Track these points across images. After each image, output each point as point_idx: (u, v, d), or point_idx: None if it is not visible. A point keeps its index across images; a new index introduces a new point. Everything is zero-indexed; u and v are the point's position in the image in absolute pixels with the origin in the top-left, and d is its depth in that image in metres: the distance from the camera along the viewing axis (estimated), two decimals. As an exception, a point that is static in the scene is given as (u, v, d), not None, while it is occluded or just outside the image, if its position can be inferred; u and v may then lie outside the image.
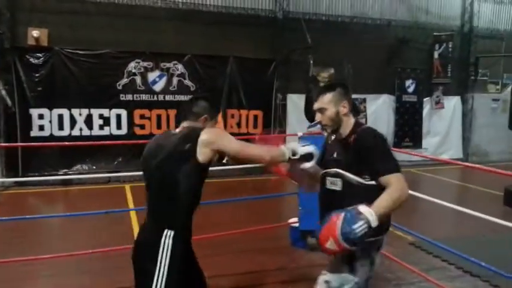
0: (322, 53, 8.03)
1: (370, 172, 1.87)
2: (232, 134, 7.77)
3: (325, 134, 2.18)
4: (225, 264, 3.74)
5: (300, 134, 3.89)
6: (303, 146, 1.98)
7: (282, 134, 8.26)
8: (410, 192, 3.51)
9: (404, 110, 9.61)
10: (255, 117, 8.23)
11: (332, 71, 8.52)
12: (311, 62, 7.84)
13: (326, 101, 2.00)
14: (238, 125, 8.10)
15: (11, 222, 4.60)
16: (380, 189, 1.82)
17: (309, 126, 6.49)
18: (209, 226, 4.59)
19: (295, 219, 4.07)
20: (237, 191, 6.77)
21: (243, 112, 8.15)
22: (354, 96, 8.25)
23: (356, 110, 8.13)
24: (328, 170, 2.02)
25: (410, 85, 9.65)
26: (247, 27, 8.08)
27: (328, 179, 2.01)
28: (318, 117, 2.04)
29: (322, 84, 7.33)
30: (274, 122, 8.38)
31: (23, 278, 3.48)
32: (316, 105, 2.04)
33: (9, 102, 6.75)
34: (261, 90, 8.20)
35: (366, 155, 1.88)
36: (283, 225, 4.37)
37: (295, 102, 8.35)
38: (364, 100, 9.09)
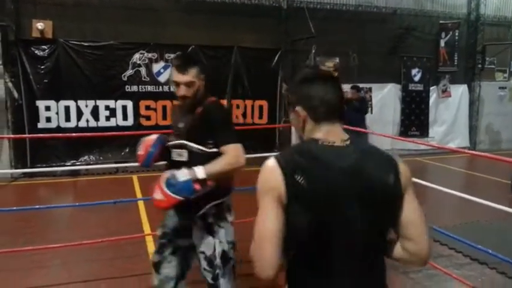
0: (327, 42, 7.98)
1: (213, 141, 2.04)
2: (238, 124, 7.82)
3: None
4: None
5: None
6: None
7: (288, 123, 8.27)
8: (417, 180, 3.55)
9: (410, 99, 9.54)
10: (260, 107, 8.21)
11: (337, 60, 8.47)
12: (313, 51, 7.81)
13: (194, 75, 2.08)
14: (244, 115, 8.10)
15: (20, 213, 4.66)
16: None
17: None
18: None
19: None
20: (243, 180, 6.78)
21: (248, 102, 8.14)
22: (360, 85, 8.24)
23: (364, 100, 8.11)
24: (174, 142, 2.14)
25: (416, 74, 9.58)
26: (251, 17, 8.03)
27: (175, 151, 2.13)
28: (184, 90, 2.06)
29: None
30: (279, 112, 8.37)
31: (33, 267, 3.53)
32: (182, 79, 2.05)
33: (16, 94, 6.79)
34: (266, 80, 8.17)
35: (212, 125, 2.05)
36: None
37: (301, 92, 8.32)
38: (370, 89, 9.04)
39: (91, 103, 7.20)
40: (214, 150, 2.03)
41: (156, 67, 7.57)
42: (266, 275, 1.12)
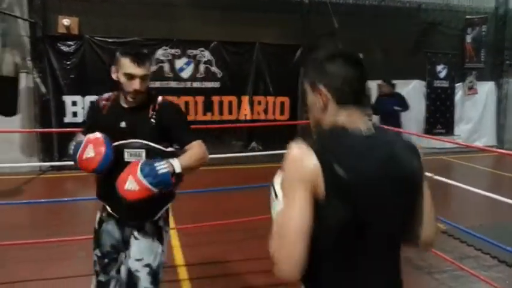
0: (350, 38, 7.87)
1: (174, 140, 1.98)
2: (259, 120, 7.79)
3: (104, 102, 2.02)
4: (255, 249, 3.78)
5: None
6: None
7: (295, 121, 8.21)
8: (443, 179, 3.47)
9: (435, 96, 9.34)
10: (282, 103, 8.19)
11: (360, 55, 8.33)
12: (339, 47, 7.69)
13: (149, 69, 1.92)
14: (265, 111, 8.09)
15: (47, 205, 4.79)
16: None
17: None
18: (241, 211, 4.66)
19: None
20: (266, 177, 6.79)
21: (270, 99, 8.12)
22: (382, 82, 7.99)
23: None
24: (129, 141, 1.91)
25: (441, 70, 9.37)
26: (273, 13, 7.98)
27: (128, 151, 1.91)
28: (139, 84, 1.85)
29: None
30: (300, 108, 8.32)
31: (60, 258, 3.62)
32: (140, 71, 1.85)
33: (43, 89, 6.96)
34: (287, 76, 8.14)
35: (173, 124, 1.96)
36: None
37: (322, 89, 8.24)
38: (394, 86, 8.89)
39: (115, 98, 7.32)
40: (171, 149, 1.97)
41: (179, 63, 7.63)
42: (292, 276, 1.03)
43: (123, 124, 1.93)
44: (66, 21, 6.93)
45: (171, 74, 7.58)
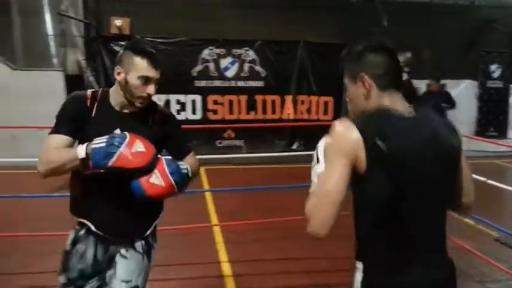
0: (399, 36, 7.65)
1: (171, 150, 1.83)
2: (302, 120, 7.74)
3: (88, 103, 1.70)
4: (297, 249, 3.79)
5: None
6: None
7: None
8: (496, 184, 3.32)
9: (488, 97, 8.91)
10: (326, 103, 8.12)
11: (409, 55, 8.10)
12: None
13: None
14: (309, 111, 8.05)
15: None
16: None
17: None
18: (280, 210, 4.69)
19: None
20: (308, 177, 6.78)
21: (313, 98, 8.07)
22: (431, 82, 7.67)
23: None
24: None
25: (495, 70, 8.92)
26: (319, 11, 7.92)
27: None
28: (153, 89, 1.65)
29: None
30: (345, 109, 8.20)
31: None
32: (156, 75, 1.64)
33: (96, 88, 7.30)
34: (332, 75, 8.00)
35: (173, 134, 1.82)
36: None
37: (368, 88, 8.08)
38: (444, 86, 8.56)
39: (163, 97, 7.55)
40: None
41: (224, 62, 7.75)
42: (322, 234, 1.15)
43: (117, 131, 1.65)
44: (118, 22, 7.23)
45: (216, 73, 7.72)
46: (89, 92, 1.72)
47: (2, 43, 7.22)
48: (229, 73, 7.79)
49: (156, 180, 1.58)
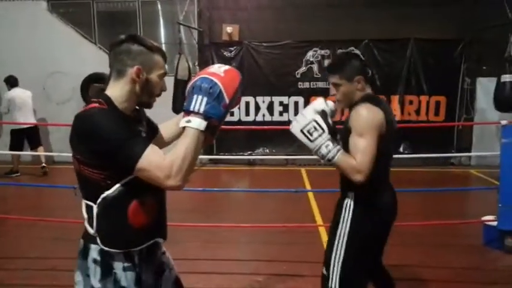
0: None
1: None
2: (411, 122, 7.37)
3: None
4: (410, 255, 3.64)
5: (503, 122, 3.42)
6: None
7: (469, 121, 7.45)
8: None
9: None
10: (437, 103, 7.59)
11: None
12: (511, 40, 6.75)
13: None
14: (417, 112, 7.62)
15: (207, 193, 5.41)
16: None
17: None
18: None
19: (491, 217, 3.66)
20: (414, 182, 6.45)
21: (423, 98, 7.61)
22: None
23: None
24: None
25: None
26: (430, 6, 7.45)
27: None
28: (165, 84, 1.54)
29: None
30: (459, 109, 7.60)
31: (226, 241, 4.04)
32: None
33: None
34: (444, 74, 7.51)
35: (153, 124, 1.72)
36: (474, 222, 4.00)
37: (486, 87, 7.36)
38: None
39: (267, 99, 7.81)
40: None
41: (328, 63, 7.71)
42: (366, 179, 1.79)
43: (144, 135, 1.51)
44: (229, 29, 7.69)
45: (319, 75, 7.73)
46: (97, 105, 1.37)
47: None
48: (333, 74, 7.73)
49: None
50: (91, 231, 1.40)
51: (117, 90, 1.43)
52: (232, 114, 7.84)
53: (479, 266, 3.46)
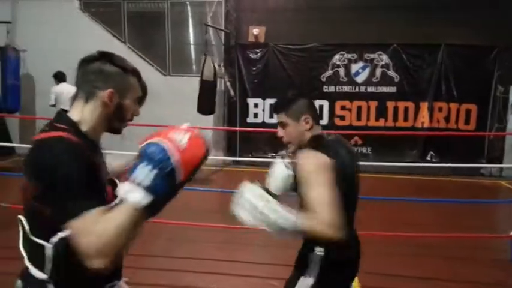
0: None
1: None
2: (440, 130, 7.19)
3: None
4: (435, 268, 3.53)
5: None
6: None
7: (501, 131, 7.18)
8: None
9: None
10: (468, 111, 7.35)
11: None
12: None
13: None
14: (447, 119, 7.40)
15: (226, 194, 5.36)
16: None
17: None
18: (411, 225, 4.42)
19: (520, 232, 3.51)
20: (441, 191, 6.27)
21: (453, 105, 7.38)
22: None
23: None
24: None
25: None
26: (462, 10, 7.22)
27: None
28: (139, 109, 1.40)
29: None
30: (491, 118, 7.33)
31: (244, 243, 4.02)
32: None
33: (232, 92, 7.87)
34: (476, 81, 7.27)
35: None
36: (503, 237, 3.83)
37: (521, 96, 7.10)
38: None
39: (291, 102, 7.76)
40: None
41: (355, 67, 7.61)
42: (341, 230, 1.49)
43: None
44: (255, 31, 7.69)
45: (345, 79, 7.63)
46: (65, 134, 1.18)
47: (156, 52, 8.27)
48: (360, 78, 7.62)
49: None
50: (40, 275, 1.18)
51: (85, 115, 1.26)
52: (256, 116, 7.84)
53: (505, 282, 3.32)
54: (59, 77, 7.12)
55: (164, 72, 8.20)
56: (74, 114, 1.26)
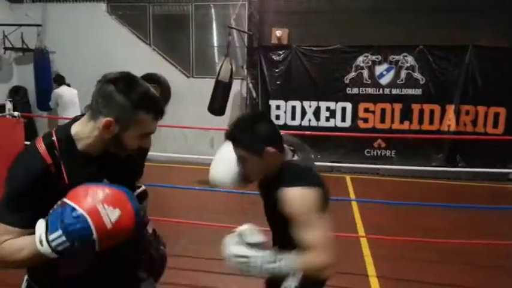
0: None
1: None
2: (467, 133, 7.00)
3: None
4: (461, 276, 3.45)
5: None
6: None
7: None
8: None
9: None
10: (496, 114, 7.13)
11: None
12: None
13: None
14: (474, 123, 7.20)
15: (247, 196, 5.36)
16: None
17: None
18: (432, 230, 4.33)
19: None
20: (466, 197, 6.11)
21: (481, 109, 7.18)
22: None
23: None
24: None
25: None
26: (492, 11, 7.02)
27: None
28: (149, 141, 1.44)
29: None
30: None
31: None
32: (156, 127, 1.37)
33: (254, 94, 7.89)
34: (505, 84, 7.04)
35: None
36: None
37: (554, 99, 6.84)
38: None
39: (314, 104, 7.71)
40: None
41: (379, 69, 7.51)
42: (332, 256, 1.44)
43: (105, 181, 1.28)
44: (278, 33, 7.69)
45: (369, 81, 7.53)
46: (43, 150, 1.23)
47: (180, 54, 8.38)
48: (384, 80, 7.51)
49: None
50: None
51: (85, 131, 1.26)
52: (278, 118, 7.83)
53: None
54: (59, 81, 7.34)
55: (188, 74, 8.30)
56: (76, 126, 1.30)
